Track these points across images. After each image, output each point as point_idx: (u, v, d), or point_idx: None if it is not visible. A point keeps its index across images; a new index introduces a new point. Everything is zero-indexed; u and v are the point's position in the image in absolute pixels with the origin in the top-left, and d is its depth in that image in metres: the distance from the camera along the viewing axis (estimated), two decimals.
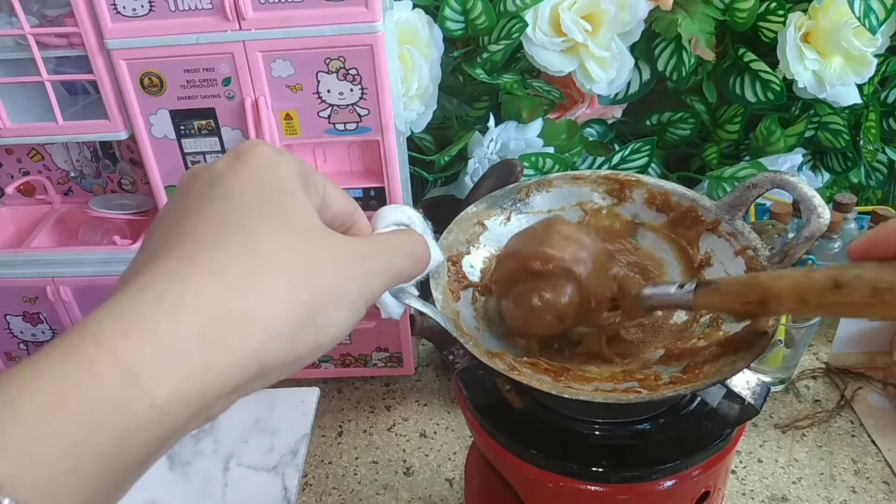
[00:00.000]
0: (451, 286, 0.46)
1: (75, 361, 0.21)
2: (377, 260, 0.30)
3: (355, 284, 0.28)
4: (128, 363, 0.22)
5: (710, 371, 0.39)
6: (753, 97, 0.84)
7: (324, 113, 0.65)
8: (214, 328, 0.23)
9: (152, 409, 0.22)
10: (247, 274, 0.25)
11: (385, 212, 0.36)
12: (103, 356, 0.22)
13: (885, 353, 0.78)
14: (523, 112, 0.85)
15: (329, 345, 0.27)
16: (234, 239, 0.26)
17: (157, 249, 0.26)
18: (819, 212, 0.41)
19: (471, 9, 0.78)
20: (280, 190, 0.28)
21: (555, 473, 0.42)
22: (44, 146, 0.80)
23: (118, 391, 0.21)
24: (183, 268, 0.24)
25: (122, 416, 0.21)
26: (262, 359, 0.25)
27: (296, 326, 0.25)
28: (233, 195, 0.27)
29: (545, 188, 0.51)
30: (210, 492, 0.68)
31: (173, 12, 0.60)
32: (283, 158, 0.29)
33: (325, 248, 0.28)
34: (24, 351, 0.82)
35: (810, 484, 0.67)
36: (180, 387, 0.23)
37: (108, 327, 0.22)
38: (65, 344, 0.22)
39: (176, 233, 0.26)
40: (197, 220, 0.26)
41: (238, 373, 0.24)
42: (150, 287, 0.24)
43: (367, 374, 0.83)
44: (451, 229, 0.48)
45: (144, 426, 0.22)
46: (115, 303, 0.23)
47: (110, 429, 0.21)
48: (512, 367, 0.40)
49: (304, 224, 0.28)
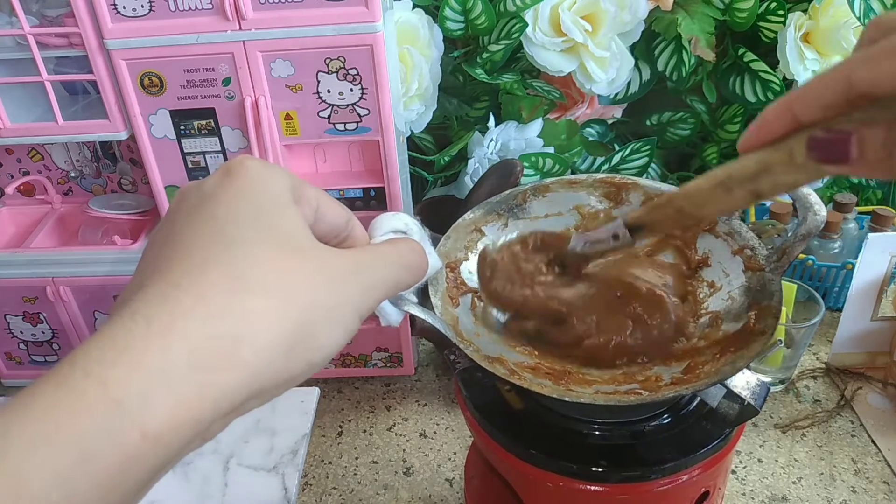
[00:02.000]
0: (450, 292, 0.46)
1: (66, 392, 0.21)
2: (372, 272, 0.30)
3: (349, 300, 0.28)
4: (116, 394, 0.21)
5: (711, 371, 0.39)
6: (753, 97, 0.84)
7: (324, 113, 0.65)
8: (204, 352, 0.23)
9: (145, 439, 0.22)
10: (235, 295, 0.24)
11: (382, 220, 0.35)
12: (93, 386, 0.21)
13: (885, 353, 0.78)
14: (523, 112, 0.85)
15: (322, 362, 0.27)
16: (222, 259, 0.25)
17: (148, 274, 0.26)
18: (815, 209, 0.41)
19: (471, 9, 0.78)
20: (269, 206, 0.27)
21: (555, 473, 0.42)
22: (44, 146, 0.80)
23: (108, 421, 0.21)
24: (171, 292, 0.24)
25: (114, 446, 0.21)
26: (256, 380, 0.24)
27: (287, 346, 0.25)
28: (221, 215, 0.26)
29: (542, 193, 0.51)
30: (210, 492, 0.68)
31: (173, 12, 0.60)
32: (273, 173, 0.28)
33: (316, 265, 0.27)
34: (24, 351, 0.82)
35: (810, 484, 0.67)
36: (172, 415, 0.22)
37: (98, 356, 0.22)
38: (57, 375, 0.22)
39: (164, 256, 0.26)
40: (185, 242, 0.26)
41: (231, 396, 0.24)
42: (140, 313, 0.23)
43: (367, 374, 0.83)
44: (448, 236, 0.48)
45: (138, 456, 0.22)
46: (106, 330, 0.23)
47: (103, 459, 0.21)
48: (512, 371, 0.40)
49: (293, 241, 0.27)
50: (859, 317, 0.76)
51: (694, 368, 0.41)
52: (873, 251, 0.72)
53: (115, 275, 0.75)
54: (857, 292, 0.75)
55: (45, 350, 0.82)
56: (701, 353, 0.42)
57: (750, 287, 0.44)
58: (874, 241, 0.72)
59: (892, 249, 0.72)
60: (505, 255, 0.47)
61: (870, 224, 0.84)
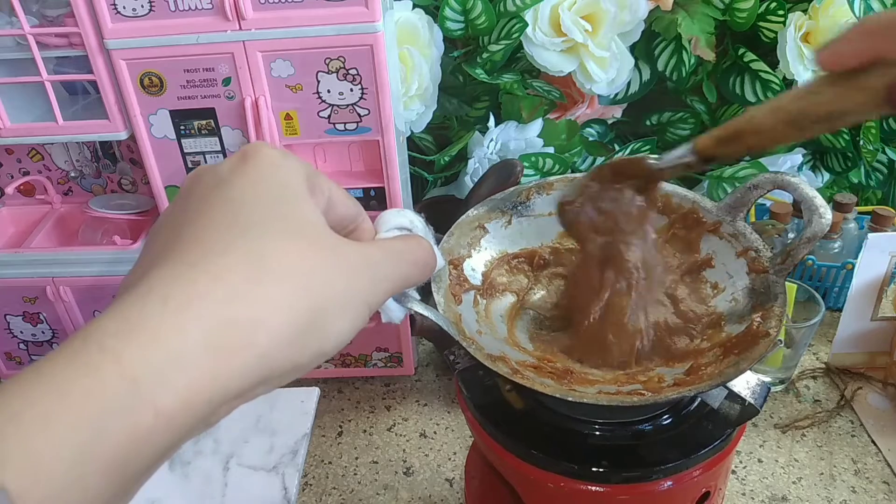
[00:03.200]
0: (453, 289, 0.46)
1: (79, 367, 0.21)
2: (383, 267, 0.30)
3: (361, 291, 0.28)
4: (132, 371, 0.21)
5: (714, 372, 0.39)
6: (753, 97, 0.84)
7: (324, 113, 0.65)
8: (220, 334, 0.23)
9: (158, 418, 0.22)
10: (252, 279, 0.24)
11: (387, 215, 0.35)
12: (108, 362, 0.21)
13: (885, 353, 0.78)
14: (523, 112, 0.85)
15: (332, 351, 0.27)
16: (239, 243, 0.25)
17: (162, 253, 0.25)
18: (821, 212, 0.41)
19: (471, 9, 0.78)
20: (286, 193, 0.27)
21: (555, 473, 0.42)
22: (44, 146, 0.80)
23: (123, 398, 0.21)
24: (188, 272, 0.24)
25: (128, 423, 0.21)
26: (267, 365, 0.24)
27: (301, 333, 0.25)
28: (237, 198, 0.27)
29: (545, 191, 0.51)
30: (210, 492, 0.68)
31: (173, 12, 0.60)
32: (289, 161, 0.29)
33: (332, 254, 0.27)
34: (24, 351, 0.82)
35: (810, 484, 0.67)
36: (186, 395, 0.22)
37: (113, 332, 0.22)
38: (69, 349, 0.22)
39: (180, 236, 0.26)
40: (201, 223, 0.26)
41: (243, 379, 0.24)
42: (155, 291, 0.23)
43: (367, 374, 0.83)
44: (451, 233, 0.48)
45: (150, 434, 0.22)
46: (121, 306, 0.23)
47: (116, 436, 0.21)
48: (515, 370, 0.40)
49: (310, 229, 0.27)
50: (859, 317, 0.76)
51: (697, 370, 0.40)
52: (873, 251, 0.72)
53: (116, 275, 0.75)
54: (857, 292, 0.75)
55: (44, 350, 0.82)
56: (704, 355, 0.42)
57: (754, 289, 0.44)
58: (874, 241, 0.72)
59: (892, 249, 0.72)
60: (583, 195, 0.45)
61: (870, 224, 0.84)
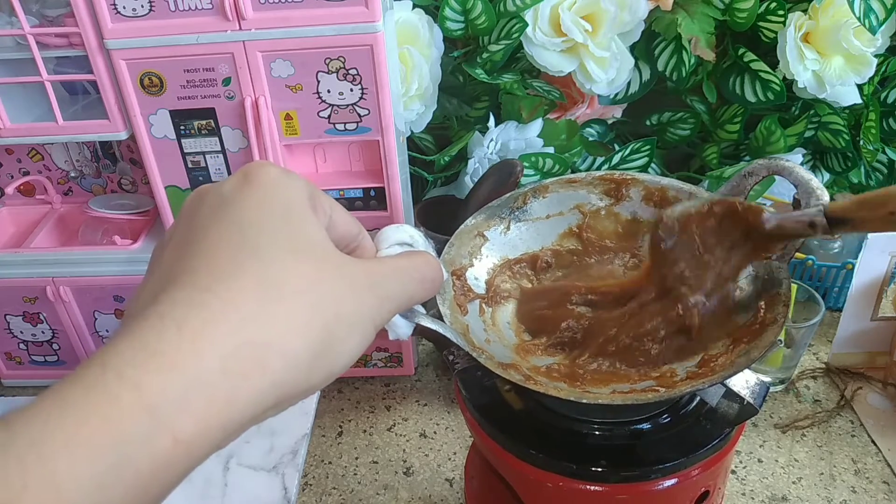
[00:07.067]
0: (458, 300, 0.46)
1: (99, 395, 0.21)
2: (390, 285, 0.30)
3: (368, 310, 0.28)
4: (151, 399, 0.21)
5: (726, 363, 0.39)
6: (753, 97, 0.84)
7: (324, 113, 0.65)
8: (236, 360, 0.23)
9: (177, 446, 0.22)
10: (264, 303, 0.24)
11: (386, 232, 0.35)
12: (127, 391, 0.21)
13: (885, 353, 0.78)
14: (523, 112, 0.85)
15: (340, 371, 0.27)
16: (248, 265, 0.25)
17: (170, 275, 0.25)
18: (818, 194, 0.40)
19: (471, 9, 0.78)
20: (290, 213, 0.27)
21: (554, 473, 0.42)
22: (44, 146, 0.80)
23: (143, 427, 0.21)
24: (200, 296, 0.24)
25: (147, 452, 0.21)
26: (281, 389, 0.24)
27: (313, 355, 0.25)
28: (244, 219, 0.26)
29: (541, 194, 0.51)
30: (210, 492, 0.68)
31: (173, 12, 0.60)
32: (291, 180, 0.28)
33: (340, 274, 0.27)
34: (24, 351, 0.82)
35: (810, 484, 0.67)
36: (204, 421, 0.22)
37: (130, 359, 0.22)
38: (87, 377, 0.22)
39: (188, 259, 0.26)
40: (209, 245, 0.26)
41: (258, 404, 0.24)
42: (168, 316, 0.23)
43: (367, 374, 0.83)
44: (452, 243, 0.48)
45: (169, 461, 0.22)
46: (135, 331, 0.23)
47: (136, 464, 0.21)
48: (528, 377, 0.40)
49: (317, 248, 0.27)
50: (859, 317, 0.76)
51: (708, 362, 0.40)
52: (873, 251, 0.72)
53: (115, 275, 0.75)
54: (857, 292, 0.75)
55: (45, 350, 0.82)
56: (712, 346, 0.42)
57: (758, 276, 0.44)
58: (874, 241, 0.72)
59: (892, 249, 0.72)
60: (685, 230, 0.42)
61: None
